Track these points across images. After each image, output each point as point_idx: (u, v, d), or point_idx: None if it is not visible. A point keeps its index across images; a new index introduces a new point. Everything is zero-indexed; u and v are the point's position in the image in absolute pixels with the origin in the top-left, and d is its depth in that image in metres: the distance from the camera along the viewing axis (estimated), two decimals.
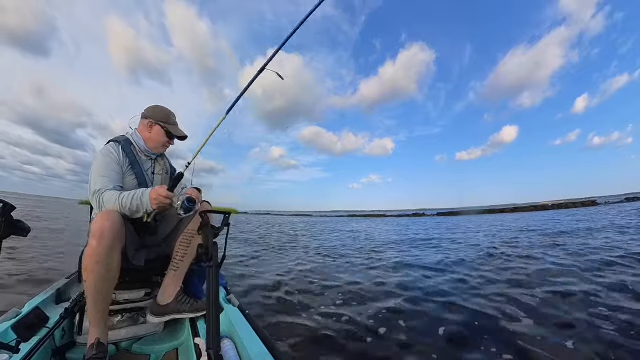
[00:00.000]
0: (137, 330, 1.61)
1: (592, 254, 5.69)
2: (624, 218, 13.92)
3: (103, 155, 1.57)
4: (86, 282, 1.26)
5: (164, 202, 1.41)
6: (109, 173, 1.52)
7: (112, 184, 1.50)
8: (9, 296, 3.24)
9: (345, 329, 2.72)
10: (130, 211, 1.42)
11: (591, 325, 2.58)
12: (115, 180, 1.53)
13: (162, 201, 1.40)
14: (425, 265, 5.58)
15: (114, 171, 1.55)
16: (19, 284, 3.70)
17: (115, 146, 1.63)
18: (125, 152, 1.64)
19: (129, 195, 1.41)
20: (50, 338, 1.35)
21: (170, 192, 1.41)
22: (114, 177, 1.53)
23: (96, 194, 1.44)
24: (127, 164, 1.63)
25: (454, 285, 4.07)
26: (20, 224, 1.29)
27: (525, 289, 3.75)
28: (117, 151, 1.61)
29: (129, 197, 1.41)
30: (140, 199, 1.41)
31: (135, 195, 1.41)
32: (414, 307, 3.29)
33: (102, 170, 1.51)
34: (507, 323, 2.73)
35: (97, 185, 1.47)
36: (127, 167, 1.63)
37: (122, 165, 1.60)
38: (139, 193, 1.42)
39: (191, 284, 1.75)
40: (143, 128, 1.74)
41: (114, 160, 1.57)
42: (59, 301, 1.79)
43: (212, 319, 1.03)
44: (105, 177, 1.50)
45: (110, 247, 1.26)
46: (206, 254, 1.07)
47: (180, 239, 1.60)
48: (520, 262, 5.36)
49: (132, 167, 1.64)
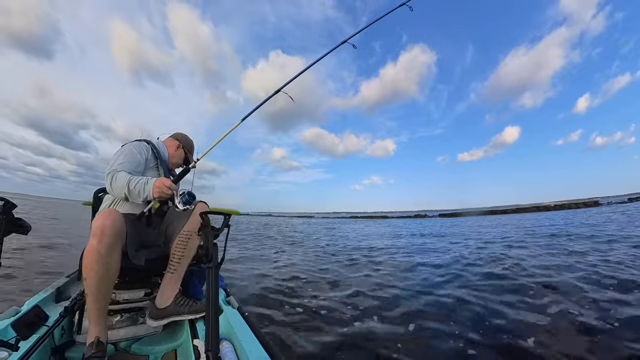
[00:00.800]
0: (136, 331, 1.61)
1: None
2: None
3: (130, 146, 1.72)
4: (86, 280, 1.26)
5: (166, 193, 1.50)
6: (129, 160, 1.65)
7: (128, 169, 1.60)
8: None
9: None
10: (133, 195, 1.51)
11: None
12: (132, 168, 1.64)
13: (164, 191, 1.49)
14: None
15: (135, 161, 1.67)
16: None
17: (145, 145, 1.81)
18: (154, 152, 1.84)
19: (137, 179, 1.51)
20: (50, 337, 1.35)
21: (173, 184, 1.52)
22: (132, 166, 1.64)
23: (112, 172, 1.55)
24: (155, 159, 1.83)
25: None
26: (21, 222, 1.31)
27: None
28: (146, 149, 1.78)
29: (137, 180, 1.51)
30: (144, 185, 1.50)
31: (142, 181, 1.51)
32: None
33: (123, 157, 1.64)
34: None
35: (116, 165, 1.59)
36: (155, 163, 1.82)
37: (149, 160, 1.77)
38: (145, 180, 1.52)
39: (191, 285, 1.74)
40: (170, 145, 2.02)
41: (139, 152, 1.72)
42: (58, 300, 1.80)
43: (211, 321, 1.03)
44: (124, 162, 1.62)
45: (110, 246, 1.26)
46: (206, 255, 1.07)
47: (177, 241, 1.59)
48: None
49: (158, 165, 1.84)
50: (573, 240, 7.90)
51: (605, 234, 8.52)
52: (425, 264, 5.83)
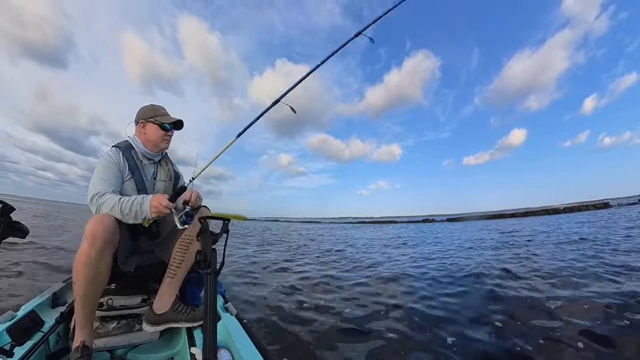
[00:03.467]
0: (132, 338, 1.58)
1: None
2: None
3: (104, 159, 1.57)
4: (75, 284, 1.26)
5: (164, 212, 1.40)
6: (108, 177, 1.52)
7: (112, 187, 1.50)
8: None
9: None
10: (129, 217, 1.40)
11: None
12: (115, 185, 1.53)
13: (162, 211, 1.39)
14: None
15: (113, 175, 1.54)
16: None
17: (116, 151, 1.63)
18: (126, 157, 1.64)
19: (129, 200, 1.39)
20: (45, 343, 1.34)
21: (171, 203, 1.40)
22: (113, 182, 1.53)
23: (95, 197, 1.42)
24: (128, 170, 1.62)
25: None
26: (19, 226, 1.29)
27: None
28: (117, 156, 1.61)
29: (129, 202, 1.39)
30: (141, 206, 1.39)
31: (136, 202, 1.39)
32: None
33: (102, 174, 1.51)
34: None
35: (96, 188, 1.46)
36: (127, 173, 1.62)
37: (122, 171, 1.60)
38: (140, 199, 1.40)
39: (189, 291, 1.72)
40: (138, 132, 1.74)
41: (114, 164, 1.57)
42: (55, 305, 1.78)
43: (209, 329, 1.00)
44: (105, 181, 1.49)
45: (101, 251, 1.25)
46: (204, 261, 1.04)
47: (178, 246, 1.57)
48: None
49: (132, 173, 1.63)
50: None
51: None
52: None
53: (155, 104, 1.78)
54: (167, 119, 1.74)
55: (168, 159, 1.89)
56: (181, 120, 1.78)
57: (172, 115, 1.78)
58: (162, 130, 1.71)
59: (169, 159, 1.91)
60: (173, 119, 1.75)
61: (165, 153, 1.86)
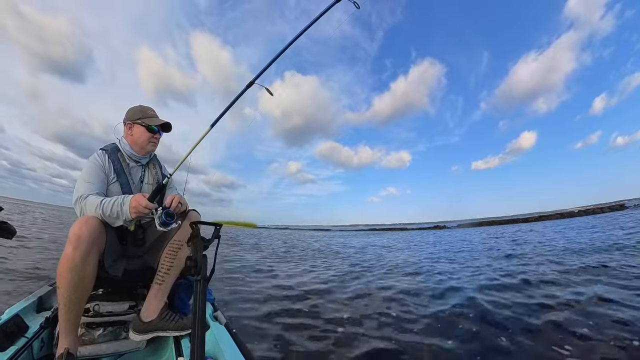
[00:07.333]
0: (118, 346, 1.53)
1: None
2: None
3: (90, 162, 1.57)
4: (59, 289, 1.22)
5: (143, 212, 1.37)
6: (93, 179, 1.51)
7: (96, 190, 1.48)
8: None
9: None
10: (111, 218, 1.38)
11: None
12: (100, 187, 1.51)
13: (141, 211, 1.36)
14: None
15: (99, 179, 1.53)
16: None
17: (102, 154, 1.62)
18: (112, 160, 1.62)
19: (110, 201, 1.38)
20: (29, 349, 1.31)
21: (150, 203, 1.37)
22: (98, 185, 1.51)
23: (79, 199, 1.41)
24: (113, 172, 1.61)
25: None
26: (6, 226, 1.27)
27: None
28: (102, 159, 1.60)
29: (110, 203, 1.37)
30: (121, 206, 1.37)
31: (117, 202, 1.38)
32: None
33: (86, 177, 1.51)
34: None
35: (80, 191, 1.45)
36: (112, 176, 1.60)
37: (107, 174, 1.58)
38: (120, 200, 1.39)
39: (177, 298, 1.67)
40: (126, 134, 1.71)
41: (99, 167, 1.56)
42: (40, 310, 1.72)
43: (197, 338, 0.95)
44: (89, 184, 1.48)
45: (85, 254, 1.22)
46: (195, 267, 1.00)
47: (167, 251, 1.52)
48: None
49: (117, 176, 1.62)
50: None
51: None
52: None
53: (144, 105, 1.76)
54: (155, 121, 1.71)
55: (157, 161, 1.87)
56: (169, 123, 1.75)
57: (161, 118, 1.76)
58: (149, 133, 1.68)
59: (158, 161, 1.88)
60: (161, 121, 1.73)
61: (154, 155, 1.83)
